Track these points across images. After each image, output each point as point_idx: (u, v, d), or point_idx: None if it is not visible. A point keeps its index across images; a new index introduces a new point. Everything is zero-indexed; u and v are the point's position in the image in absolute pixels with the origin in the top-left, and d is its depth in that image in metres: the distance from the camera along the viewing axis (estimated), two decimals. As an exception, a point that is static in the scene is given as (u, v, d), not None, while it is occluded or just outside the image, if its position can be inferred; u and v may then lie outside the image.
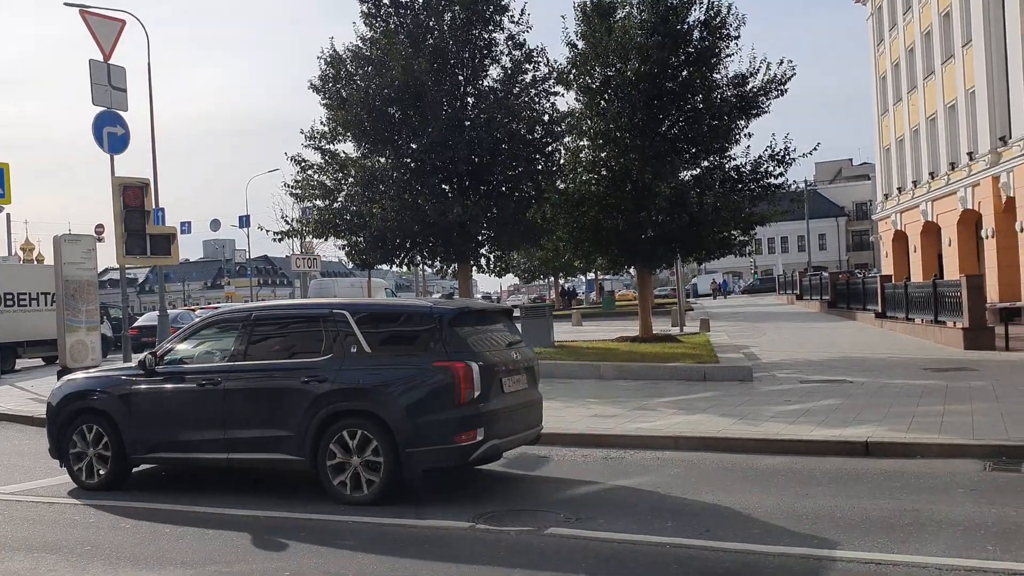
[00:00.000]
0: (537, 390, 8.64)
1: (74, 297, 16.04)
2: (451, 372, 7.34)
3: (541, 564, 5.72)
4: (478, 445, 7.44)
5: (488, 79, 19.59)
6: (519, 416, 8.09)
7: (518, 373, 8.12)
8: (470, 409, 7.38)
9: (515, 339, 8.54)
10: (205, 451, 8.15)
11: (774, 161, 19.82)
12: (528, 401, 8.31)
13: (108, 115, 14.16)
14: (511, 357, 8.09)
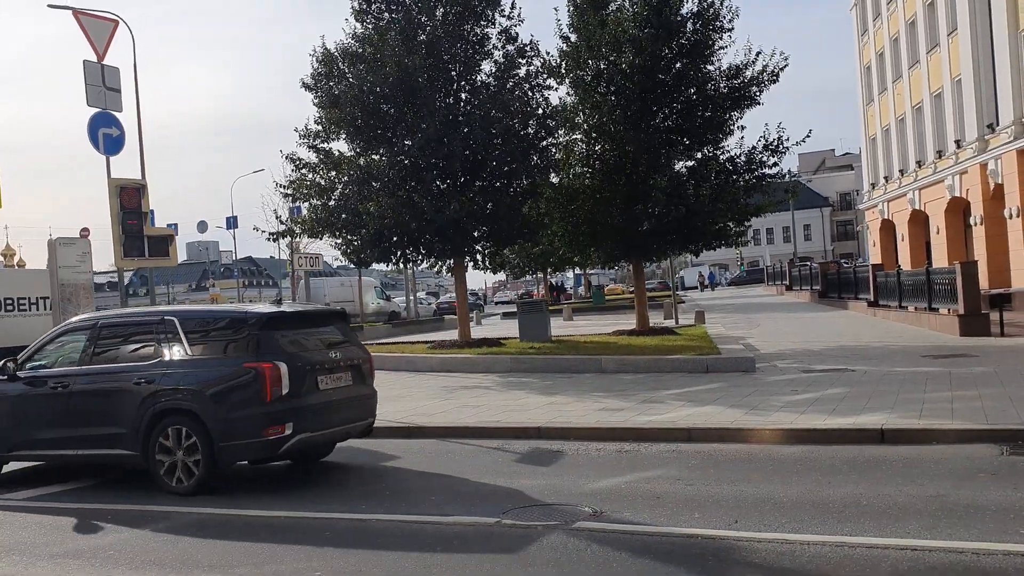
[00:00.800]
0: (367, 386, 9.38)
1: (70, 301, 15.83)
2: (259, 372, 8.06)
3: (574, 559, 5.68)
4: (288, 438, 8.13)
5: (481, 74, 19.50)
6: (340, 411, 8.74)
7: (339, 371, 8.81)
8: (279, 405, 8.09)
9: (340, 340, 9.23)
10: (58, 448, 8.98)
11: (768, 151, 19.87)
12: (352, 397, 8.96)
13: (103, 116, 13.98)
14: (330, 357, 8.79)
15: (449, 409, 12.45)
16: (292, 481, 8.80)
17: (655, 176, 19.03)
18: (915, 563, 5.17)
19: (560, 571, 5.45)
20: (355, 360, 9.12)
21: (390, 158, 18.35)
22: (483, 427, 10.78)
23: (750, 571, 5.26)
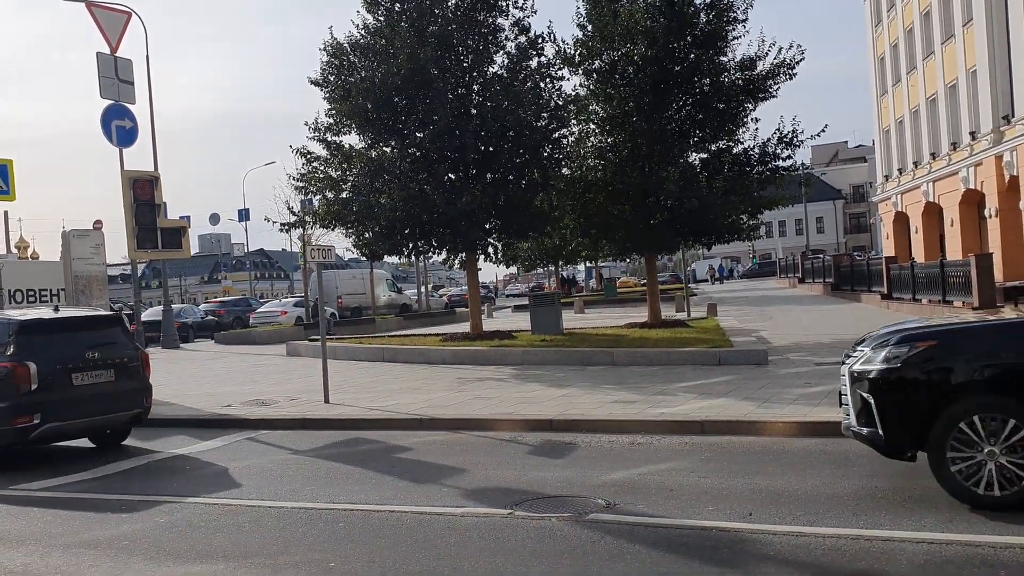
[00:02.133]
0: (136, 381, 10.73)
1: (84, 292, 15.93)
2: (11, 370, 9.53)
3: (588, 551, 5.67)
4: (36, 427, 9.64)
5: (494, 66, 19.43)
6: (97, 404, 10.18)
7: (99, 369, 10.26)
8: (27, 399, 9.55)
9: (106, 342, 10.55)
10: None
11: (782, 144, 19.75)
12: (114, 391, 10.37)
13: (116, 108, 14.02)
14: (87, 357, 10.17)
15: (461, 401, 12.45)
16: (304, 473, 8.81)
17: (668, 168, 18.95)
18: (932, 556, 5.13)
19: (574, 563, 5.44)
20: (120, 359, 10.54)
21: (401, 150, 18.32)
22: (495, 419, 10.76)
23: (764, 563, 5.24)
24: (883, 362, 6.47)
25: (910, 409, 6.34)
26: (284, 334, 29.25)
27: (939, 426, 6.13)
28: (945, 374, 6.28)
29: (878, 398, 6.44)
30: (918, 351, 6.38)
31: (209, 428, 11.98)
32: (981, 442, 6.01)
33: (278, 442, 10.69)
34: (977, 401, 6.10)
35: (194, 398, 14.54)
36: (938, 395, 6.24)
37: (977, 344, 6.49)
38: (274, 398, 13.91)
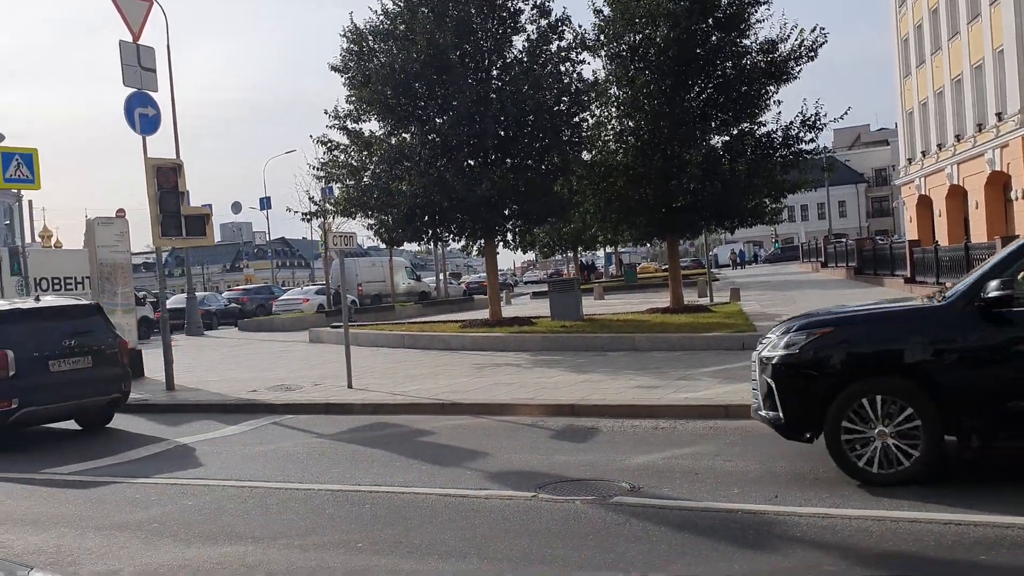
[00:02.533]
0: (114, 367, 11.27)
1: (109, 280, 16.11)
2: None
3: (613, 533, 5.69)
4: (14, 411, 10.22)
5: (513, 50, 19.35)
6: (72, 389, 10.75)
7: (76, 356, 10.83)
8: (5, 385, 10.14)
9: (83, 330, 11.09)
10: None
11: (806, 127, 19.60)
12: (91, 377, 10.95)
13: (139, 96, 14.07)
14: (64, 345, 10.74)
15: (482, 386, 12.49)
16: (330, 456, 8.88)
17: (690, 151, 18.86)
18: (960, 537, 5.11)
19: (599, 545, 5.45)
20: (97, 346, 11.09)
21: (421, 136, 18.32)
22: (517, 404, 10.79)
23: (791, 545, 5.24)
24: (784, 348, 6.78)
25: (807, 393, 6.64)
26: (306, 321, 29.42)
27: (834, 408, 6.43)
28: (839, 359, 6.58)
29: (779, 383, 6.75)
30: (815, 338, 6.68)
31: (235, 413, 12.10)
32: (872, 423, 6.32)
33: (303, 426, 10.78)
34: (869, 384, 6.39)
35: (220, 384, 14.68)
36: (833, 379, 6.53)
37: (869, 330, 6.81)
38: (298, 383, 14.02)
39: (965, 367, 6.24)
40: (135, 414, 12.76)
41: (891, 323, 6.86)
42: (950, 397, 6.19)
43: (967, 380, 6.20)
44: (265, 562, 5.54)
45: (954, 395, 6.19)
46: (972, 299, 6.27)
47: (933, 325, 6.48)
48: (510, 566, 5.16)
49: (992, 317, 6.20)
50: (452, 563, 5.28)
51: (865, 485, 6.26)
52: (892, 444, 6.27)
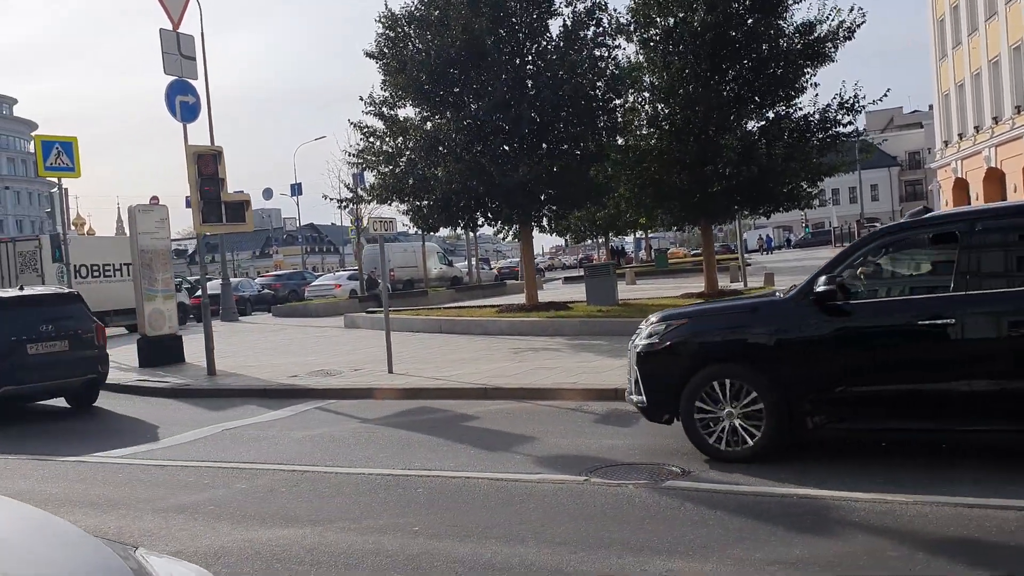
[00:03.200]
0: (88, 350, 12.17)
1: (149, 266, 16.29)
2: None
3: (668, 517, 5.69)
4: None
5: (548, 35, 19.26)
6: (49, 370, 11.72)
7: (54, 340, 11.79)
8: None
9: (62, 316, 12.10)
10: None
11: (843, 109, 19.36)
12: (69, 359, 11.90)
13: (179, 84, 14.19)
14: (41, 330, 11.71)
15: (523, 371, 12.52)
16: (377, 441, 8.94)
17: (726, 136, 18.70)
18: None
19: (656, 528, 5.46)
20: (74, 331, 12.03)
21: (456, 122, 18.32)
22: (560, 388, 10.82)
23: (851, 530, 5.21)
24: (646, 338, 7.49)
25: (665, 378, 7.29)
26: (340, 307, 29.60)
27: (687, 391, 7.07)
28: (693, 347, 7.27)
29: (642, 369, 7.44)
30: (672, 328, 7.38)
31: (277, 398, 12.22)
32: (722, 404, 6.95)
33: (347, 411, 10.87)
34: (718, 370, 7.02)
35: (260, 369, 14.83)
36: (687, 365, 7.18)
37: (718, 322, 7.54)
38: (338, 368, 14.13)
39: (800, 355, 6.79)
40: (179, 399, 12.95)
41: (738, 315, 7.61)
42: (788, 382, 6.74)
43: (802, 367, 6.75)
44: (324, 545, 5.60)
45: (791, 381, 6.74)
46: (808, 293, 6.78)
47: (775, 317, 7.08)
48: (569, 550, 5.18)
49: (825, 309, 6.69)
50: (510, 547, 5.30)
51: (715, 460, 6.99)
52: (739, 424, 6.87)
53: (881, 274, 7.27)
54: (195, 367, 15.57)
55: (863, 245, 7.01)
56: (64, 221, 20.37)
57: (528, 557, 5.10)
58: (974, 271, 6.31)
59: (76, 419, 12.01)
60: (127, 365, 16.48)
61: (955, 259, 6.41)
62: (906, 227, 7.05)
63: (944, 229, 6.81)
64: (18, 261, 23.78)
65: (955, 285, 6.35)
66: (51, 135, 19.78)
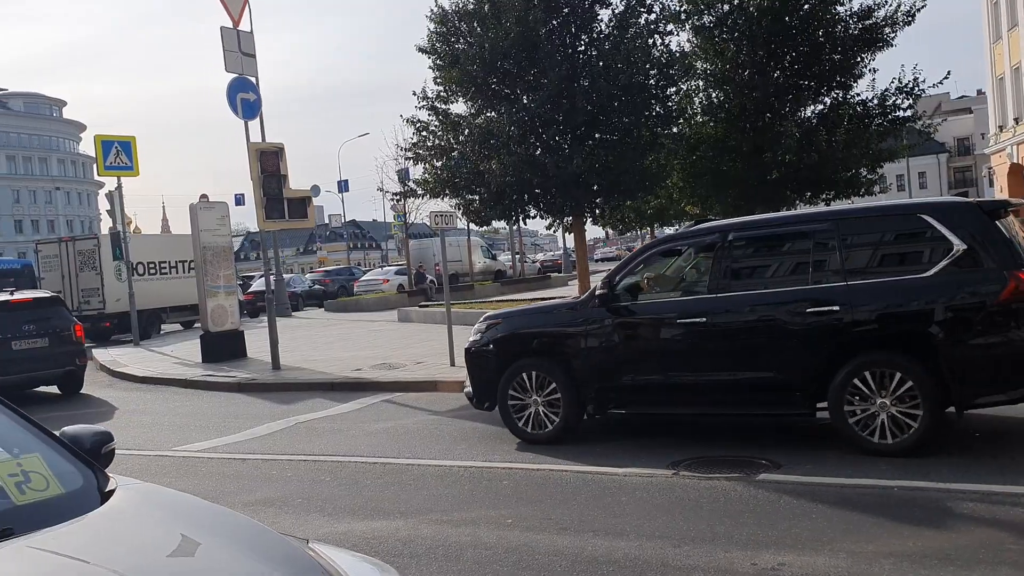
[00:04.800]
0: (66, 346, 13.70)
1: (212, 263, 16.47)
2: None
3: (768, 510, 5.60)
4: None
5: (601, 24, 19.07)
6: (31, 363, 13.29)
7: (35, 338, 13.38)
8: None
9: (41, 317, 13.66)
10: None
11: (903, 93, 18.98)
12: (48, 355, 13.50)
13: (240, 81, 14.31)
14: (23, 328, 13.33)
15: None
16: (451, 433, 8.92)
17: (784, 123, 18.44)
18: None
19: (758, 522, 5.36)
20: (54, 329, 13.62)
21: (510, 115, 18.22)
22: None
23: (963, 522, 5.10)
24: (473, 335, 8.59)
25: (485, 370, 8.32)
26: (389, 301, 29.75)
27: (503, 382, 8.05)
28: (506, 343, 8.25)
29: (469, 364, 8.62)
30: (490, 327, 8.44)
31: (343, 391, 12.28)
32: (529, 393, 7.95)
33: (414, 404, 10.89)
34: (525, 363, 8.02)
35: (322, 363, 14.92)
36: (501, 359, 8.18)
37: (526, 321, 8.52)
38: (400, 362, 14.16)
39: (588, 350, 7.76)
40: (247, 393, 13.07)
41: (543, 315, 8.67)
42: (579, 374, 7.75)
43: (589, 360, 7.73)
44: (419, 537, 5.60)
45: (580, 372, 7.75)
46: (594, 297, 7.80)
47: (572, 316, 7.97)
48: (671, 544, 5.12)
49: (611, 310, 7.67)
50: (610, 540, 5.25)
51: (528, 443, 8.00)
52: (543, 411, 7.90)
53: (666, 278, 8.24)
54: (258, 362, 15.71)
55: (641, 253, 8.14)
56: (123, 219, 20.66)
57: (631, 551, 5.05)
58: (725, 275, 7.36)
59: (146, 414, 12.18)
60: (191, 361, 16.70)
61: (711, 266, 7.44)
62: (672, 239, 8.34)
63: (704, 240, 7.70)
64: (78, 260, 24.20)
65: (709, 288, 7.40)
66: (110, 135, 20.11)
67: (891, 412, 6.56)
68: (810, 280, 7.11)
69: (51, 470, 2.55)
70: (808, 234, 7.41)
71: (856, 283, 6.85)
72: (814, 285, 7.05)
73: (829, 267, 7.07)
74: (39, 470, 2.50)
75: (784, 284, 7.28)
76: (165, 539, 2.40)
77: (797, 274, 7.31)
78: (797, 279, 7.24)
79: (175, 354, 18.53)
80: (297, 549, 2.49)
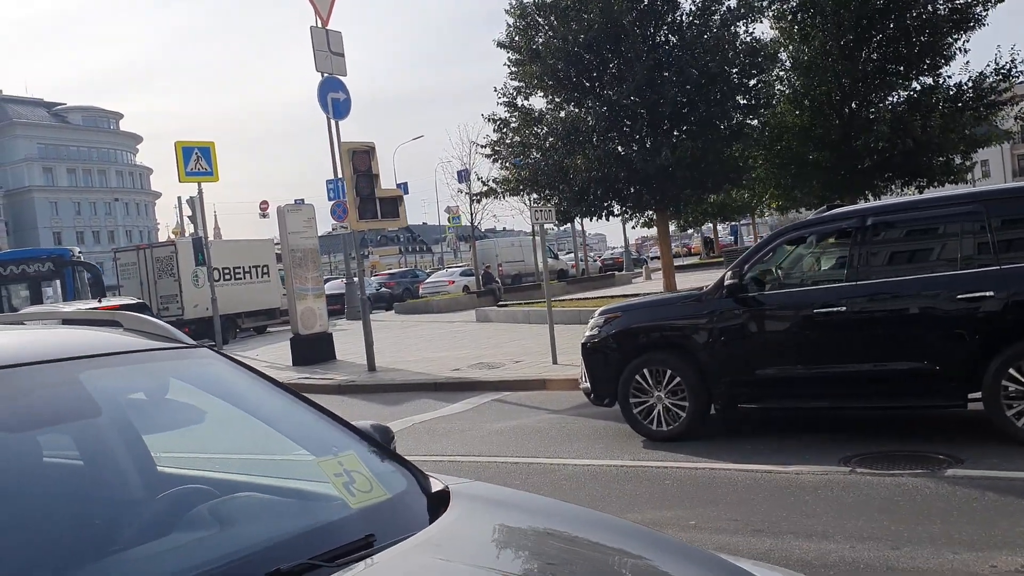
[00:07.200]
0: None
1: (300, 265, 16.41)
2: None
3: (977, 507, 5.22)
4: None
5: (682, 14, 18.70)
6: None
7: None
8: None
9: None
10: None
11: (1000, 76, 18.29)
12: None
13: (331, 81, 14.21)
14: None
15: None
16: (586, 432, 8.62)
17: (874, 109, 17.89)
18: None
19: (970, 520, 4.99)
20: None
21: (595, 109, 17.92)
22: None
23: None
24: (589, 330, 8.29)
25: (605, 366, 8.03)
26: (459, 302, 29.60)
27: (624, 377, 7.80)
28: (627, 338, 7.97)
29: (586, 359, 8.27)
30: (607, 320, 8.15)
31: (449, 391, 12.06)
32: (651, 388, 7.70)
33: (528, 403, 10.61)
34: (647, 356, 7.78)
35: (417, 363, 14.74)
36: (622, 354, 7.91)
37: (649, 313, 8.21)
38: (498, 361, 13.92)
39: (716, 343, 7.47)
40: (347, 395, 12.94)
41: (666, 307, 8.33)
42: (707, 368, 7.47)
43: (718, 353, 7.45)
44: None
45: (708, 366, 7.47)
46: (721, 287, 7.47)
47: (698, 308, 7.66)
48: (888, 545, 4.75)
49: (741, 300, 7.36)
50: (814, 543, 4.92)
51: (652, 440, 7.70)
52: (669, 406, 7.62)
53: (797, 266, 7.96)
54: (350, 364, 15.60)
55: (769, 243, 7.77)
56: (204, 225, 20.78)
57: (845, 554, 4.71)
58: (865, 262, 7.02)
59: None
60: (281, 364, 16.65)
61: (848, 253, 7.12)
62: (803, 226, 7.80)
63: (838, 226, 7.39)
64: (155, 267, 24.44)
65: (847, 276, 7.05)
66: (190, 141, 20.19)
67: None
68: (959, 265, 6.74)
69: (370, 469, 2.31)
70: (955, 216, 6.98)
71: (1010, 267, 6.47)
72: (964, 270, 6.69)
73: (980, 250, 6.71)
74: (359, 469, 2.26)
75: (930, 269, 6.94)
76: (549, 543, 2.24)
77: (944, 259, 6.95)
78: (944, 264, 6.88)
79: (262, 358, 18.53)
80: (707, 552, 2.24)
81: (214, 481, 2.27)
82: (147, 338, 2.55)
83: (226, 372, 2.56)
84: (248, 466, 2.55)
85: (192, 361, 2.57)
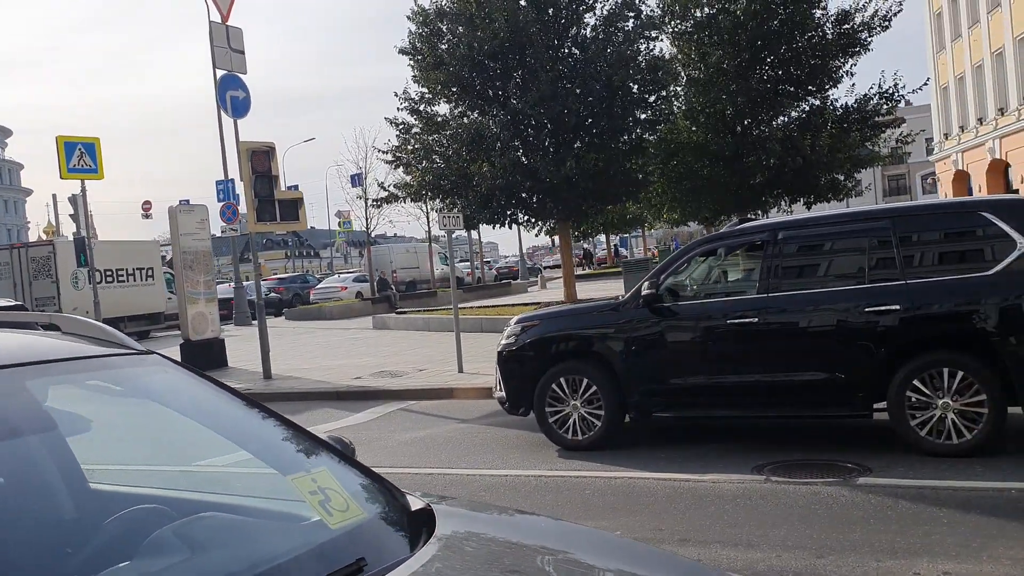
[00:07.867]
0: None
1: (192, 268, 15.75)
2: None
3: (894, 516, 5.35)
4: None
5: (587, 28, 18.91)
6: None
7: None
8: None
9: None
10: None
11: (884, 99, 19.23)
12: None
13: (230, 78, 13.70)
14: None
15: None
16: (499, 442, 8.52)
17: (766, 128, 18.52)
18: None
19: (888, 528, 5.12)
20: None
21: (500, 117, 17.89)
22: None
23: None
24: (505, 338, 8.22)
25: (520, 375, 7.97)
26: (354, 309, 29.12)
27: (540, 386, 7.76)
28: (543, 346, 7.94)
29: (502, 368, 8.14)
30: (524, 328, 8.12)
31: (351, 400, 11.77)
32: (567, 397, 7.70)
33: (435, 412, 10.45)
34: (563, 365, 7.79)
35: (315, 371, 14.35)
36: (538, 363, 7.88)
37: (566, 322, 8.21)
38: (401, 369, 13.68)
39: (633, 352, 7.52)
40: (244, 404, 12.43)
41: (583, 316, 8.29)
42: (623, 377, 7.51)
43: (634, 363, 7.48)
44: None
45: (624, 375, 7.49)
46: (638, 297, 7.54)
47: (615, 318, 7.72)
48: (812, 554, 4.83)
49: (657, 311, 7.47)
50: (740, 552, 4.95)
51: (570, 450, 7.66)
52: (583, 416, 7.64)
53: (711, 278, 8.22)
54: (244, 371, 15.05)
55: (684, 253, 7.83)
56: (87, 225, 19.72)
57: (772, 563, 4.75)
58: (776, 275, 7.20)
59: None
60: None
61: (760, 266, 7.31)
62: (716, 239, 7.98)
63: (751, 239, 7.59)
64: (31, 267, 23.07)
65: (759, 288, 7.26)
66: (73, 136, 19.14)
67: (954, 412, 6.47)
68: (867, 279, 6.97)
69: (343, 487, 2.13)
70: (864, 232, 7.23)
71: (916, 281, 6.73)
72: (871, 284, 6.92)
73: (887, 265, 6.96)
74: (332, 486, 2.08)
75: (839, 283, 7.15)
76: None
77: (853, 272, 7.17)
78: (853, 278, 7.10)
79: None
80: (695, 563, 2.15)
81: (167, 500, 2.06)
82: (91, 343, 2.30)
83: (180, 380, 2.35)
84: (208, 483, 2.33)
85: (143, 369, 2.34)
